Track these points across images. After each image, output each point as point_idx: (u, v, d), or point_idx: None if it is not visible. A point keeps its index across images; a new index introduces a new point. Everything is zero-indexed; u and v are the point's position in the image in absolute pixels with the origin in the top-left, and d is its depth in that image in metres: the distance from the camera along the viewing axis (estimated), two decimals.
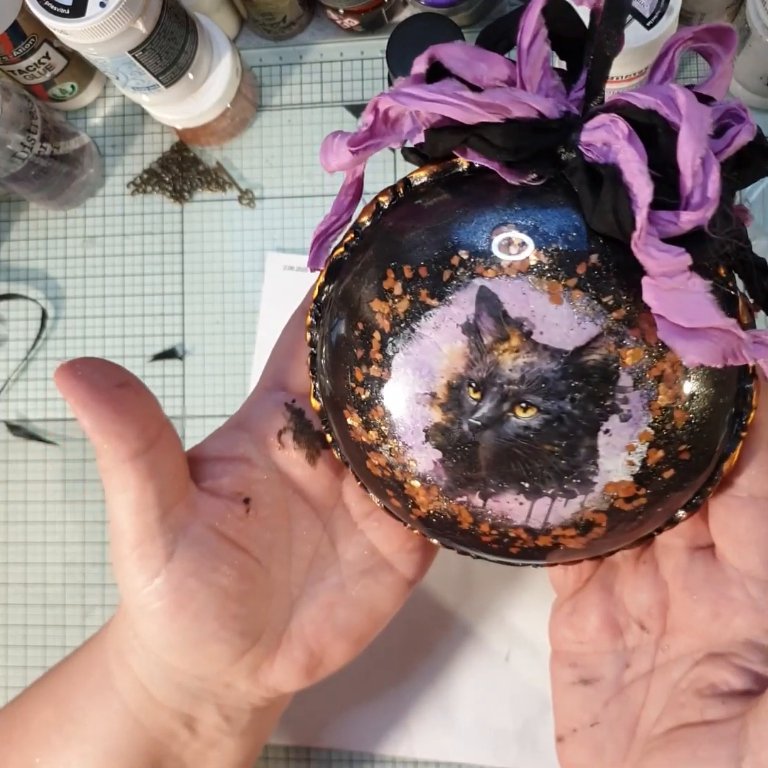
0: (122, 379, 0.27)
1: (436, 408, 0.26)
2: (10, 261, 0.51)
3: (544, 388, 0.24)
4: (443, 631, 0.44)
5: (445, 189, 0.26)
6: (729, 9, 0.44)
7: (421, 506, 0.28)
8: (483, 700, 0.44)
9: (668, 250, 0.22)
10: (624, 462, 0.25)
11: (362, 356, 0.26)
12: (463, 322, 0.25)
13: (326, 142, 0.26)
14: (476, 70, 0.24)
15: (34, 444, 0.50)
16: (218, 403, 0.49)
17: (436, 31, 0.41)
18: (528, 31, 0.23)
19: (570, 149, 0.24)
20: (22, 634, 0.49)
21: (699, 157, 0.21)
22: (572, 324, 0.24)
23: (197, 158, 0.50)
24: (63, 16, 0.38)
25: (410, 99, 0.24)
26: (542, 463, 0.25)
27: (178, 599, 0.28)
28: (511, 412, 0.25)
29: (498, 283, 0.24)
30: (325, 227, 0.28)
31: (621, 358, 0.24)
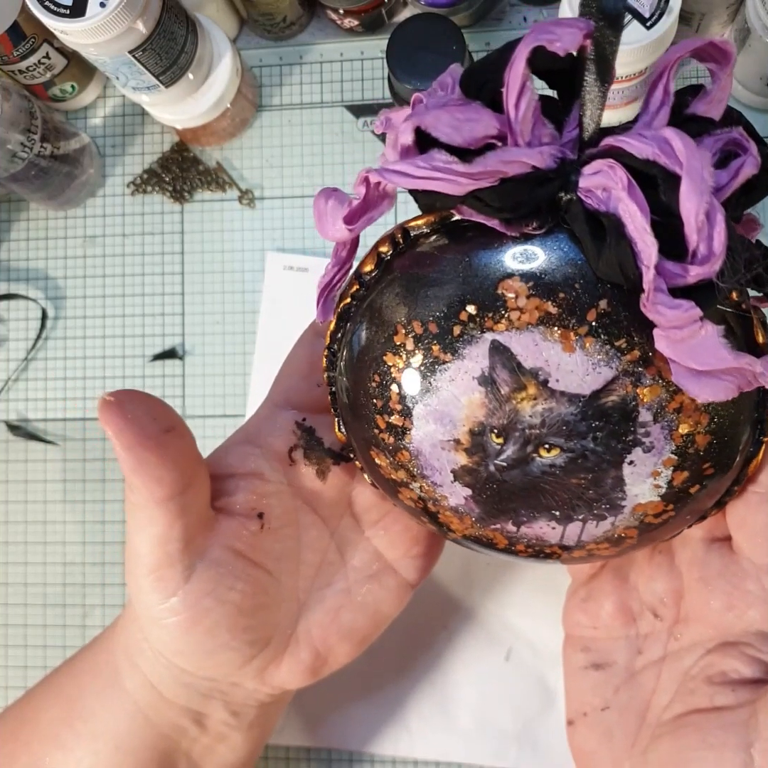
0: (169, 424, 0.27)
1: (461, 452, 0.26)
2: (10, 261, 0.51)
3: (565, 430, 0.25)
4: (443, 631, 0.44)
5: (445, 239, 0.26)
6: (729, 9, 0.44)
7: (457, 531, 0.28)
8: (483, 700, 0.44)
9: (678, 306, 0.22)
10: (650, 486, 0.25)
11: (382, 406, 0.26)
12: (479, 375, 0.25)
13: (320, 208, 0.25)
14: (465, 133, 0.23)
15: (34, 444, 0.50)
16: (218, 403, 0.49)
17: (436, 31, 0.41)
18: (514, 87, 0.22)
19: (569, 195, 0.23)
20: (22, 634, 0.49)
21: (703, 212, 0.21)
22: (587, 370, 0.24)
23: (197, 158, 0.50)
24: (63, 16, 0.38)
25: (399, 176, 0.23)
26: (570, 495, 0.26)
27: (192, 616, 0.28)
28: (535, 453, 0.25)
29: (509, 336, 0.24)
30: (329, 279, 0.27)
31: (639, 396, 0.24)
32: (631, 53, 0.39)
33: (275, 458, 0.30)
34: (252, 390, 0.48)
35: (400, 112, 0.24)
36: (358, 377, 0.27)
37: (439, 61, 0.41)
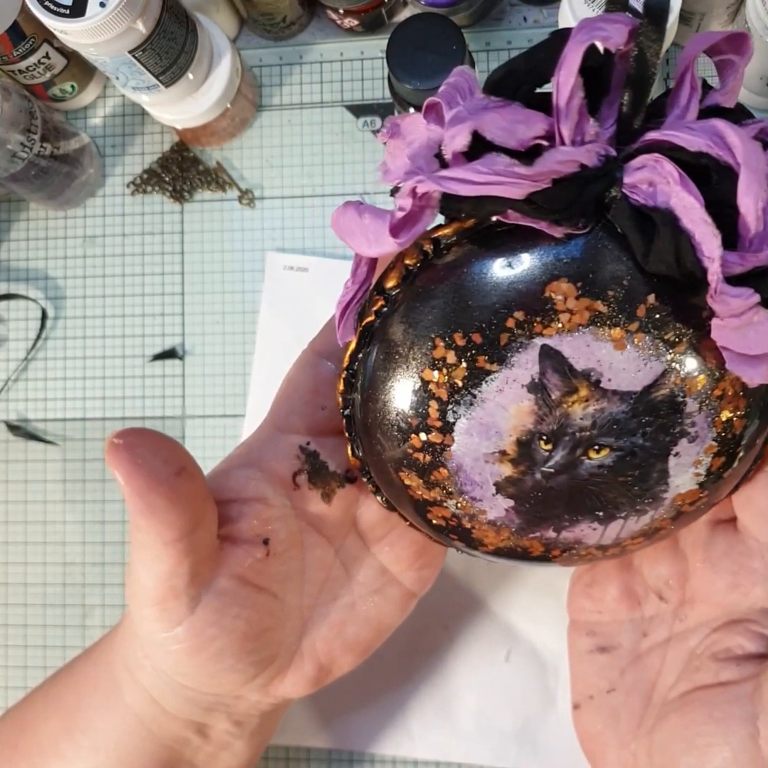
0: (180, 465, 0.26)
1: (506, 463, 0.25)
2: (10, 261, 0.51)
3: (616, 429, 0.24)
4: (443, 631, 0.44)
5: (480, 245, 0.25)
6: (729, 9, 0.44)
7: (490, 545, 0.28)
8: (483, 701, 0.44)
9: (740, 295, 0.22)
10: (692, 475, 0.26)
11: (418, 425, 0.26)
12: (528, 382, 0.24)
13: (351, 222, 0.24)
14: (518, 135, 0.22)
15: (34, 444, 0.50)
16: (218, 403, 0.49)
17: (436, 31, 0.41)
18: (566, 86, 0.22)
19: (613, 192, 0.23)
20: (22, 634, 0.49)
21: (761, 200, 0.21)
22: (639, 366, 0.24)
23: (197, 158, 0.50)
24: (63, 16, 0.38)
25: (459, 184, 0.22)
26: (616, 493, 0.26)
27: (197, 645, 0.28)
28: (584, 456, 0.25)
29: (559, 340, 0.24)
30: (349, 298, 0.27)
31: (687, 387, 0.24)
32: None
33: (278, 483, 0.30)
34: (252, 390, 0.48)
35: (408, 119, 0.24)
36: (388, 397, 0.26)
37: (439, 61, 0.41)
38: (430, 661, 0.44)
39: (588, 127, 0.23)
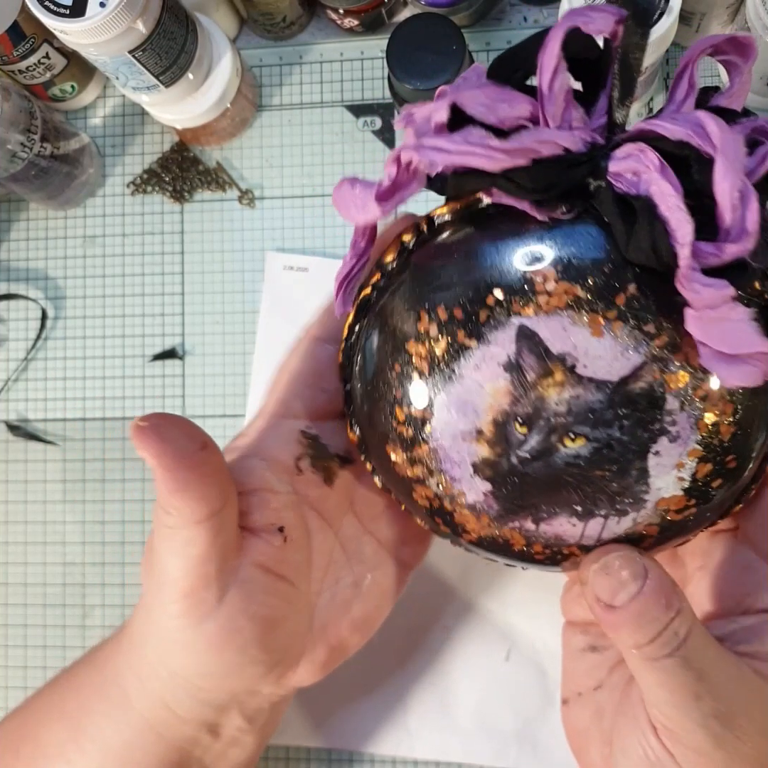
0: (203, 441, 0.26)
1: (483, 443, 0.26)
2: (10, 261, 0.51)
3: (591, 418, 0.24)
4: (443, 631, 0.44)
5: (471, 226, 0.26)
6: (729, 9, 0.44)
7: (472, 532, 0.28)
8: (483, 700, 0.44)
9: (712, 285, 0.22)
10: (674, 479, 0.25)
11: (402, 396, 0.26)
12: (505, 361, 0.25)
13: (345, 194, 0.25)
14: (499, 113, 0.23)
15: (34, 444, 0.50)
16: (218, 403, 0.49)
17: (436, 31, 0.41)
18: (548, 68, 0.23)
19: (598, 180, 0.23)
20: (22, 634, 0.49)
21: (737, 190, 0.21)
22: (616, 355, 0.24)
23: (197, 158, 0.50)
24: (63, 16, 0.38)
25: (435, 152, 0.23)
26: (594, 488, 0.25)
27: (225, 637, 0.28)
28: (559, 443, 0.25)
29: (537, 321, 0.24)
30: (347, 270, 0.27)
31: (667, 383, 0.24)
32: None
33: (281, 469, 0.30)
34: (252, 390, 0.48)
35: (423, 107, 0.24)
36: (378, 368, 0.27)
37: (439, 61, 0.41)
38: (430, 661, 0.44)
39: (574, 113, 0.23)
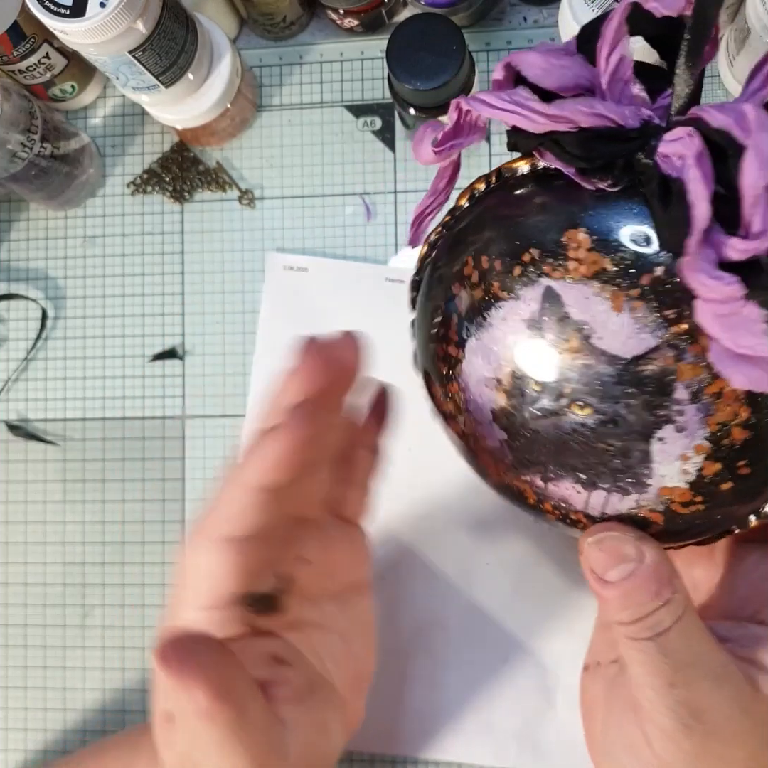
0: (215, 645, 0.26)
1: (501, 393, 0.26)
2: (11, 261, 0.51)
3: (600, 390, 0.25)
4: (443, 631, 0.44)
5: (530, 184, 0.26)
6: (728, 9, 0.44)
7: (492, 476, 0.29)
8: (483, 700, 0.44)
9: (719, 278, 0.21)
10: (678, 470, 0.25)
11: (443, 335, 0.27)
12: (528, 318, 0.25)
13: (419, 134, 0.26)
14: (554, 77, 0.24)
15: (34, 444, 0.50)
16: (218, 403, 0.49)
17: (436, 31, 0.41)
18: (607, 40, 0.23)
19: (648, 158, 0.23)
20: (22, 634, 0.49)
21: (762, 185, 0.21)
22: (631, 333, 0.24)
23: (197, 158, 0.50)
24: (63, 16, 0.38)
25: (482, 105, 0.24)
26: (597, 459, 0.26)
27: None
28: (568, 408, 0.25)
29: (563, 285, 0.24)
30: (423, 208, 0.29)
31: (679, 372, 0.24)
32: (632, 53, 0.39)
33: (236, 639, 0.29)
34: (252, 390, 0.48)
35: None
36: (427, 306, 0.28)
37: (439, 61, 0.41)
38: (430, 661, 0.44)
39: (635, 90, 0.24)
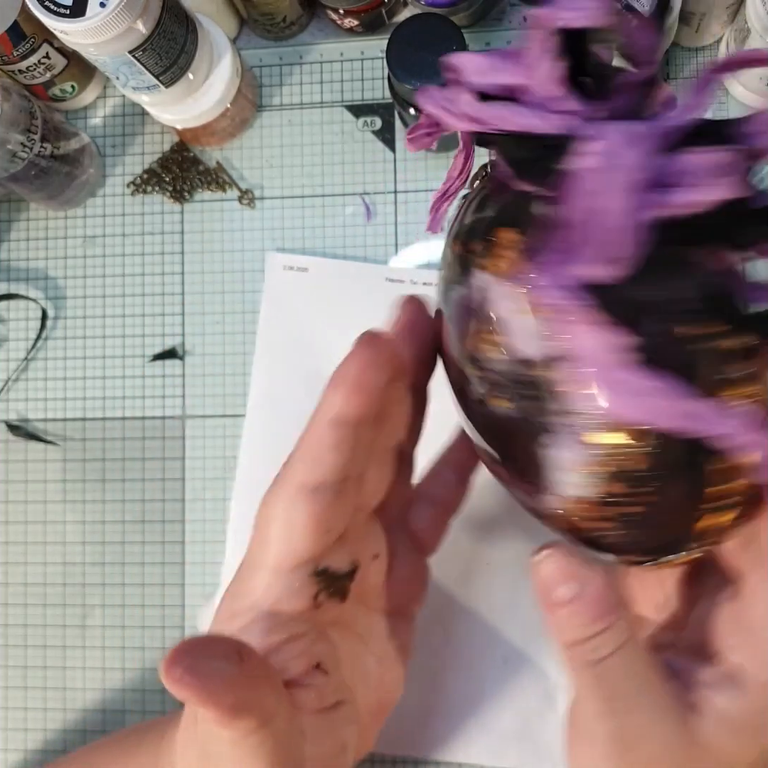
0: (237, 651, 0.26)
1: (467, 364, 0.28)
2: (10, 261, 0.51)
3: (503, 386, 0.26)
4: (443, 631, 0.44)
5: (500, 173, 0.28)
6: (729, 9, 0.44)
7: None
8: (482, 700, 0.44)
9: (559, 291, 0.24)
10: (571, 482, 0.25)
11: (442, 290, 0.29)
12: (463, 305, 0.27)
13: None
14: (488, 78, 0.25)
15: (34, 444, 0.50)
16: (218, 403, 0.49)
17: (436, 31, 0.41)
18: (535, 46, 0.23)
19: (562, 164, 0.24)
20: (22, 634, 0.49)
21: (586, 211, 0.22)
22: (533, 335, 0.24)
23: (197, 158, 0.50)
24: (63, 16, 0.38)
25: (427, 101, 0.26)
26: (513, 452, 0.27)
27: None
28: (489, 397, 0.26)
29: (488, 279, 0.26)
30: (441, 194, 0.30)
31: (566, 382, 0.24)
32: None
33: (300, 615, 0.29)
34: (252, 390, 0.48)
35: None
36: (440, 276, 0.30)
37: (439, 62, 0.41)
38: (430, 662, 0.44)
39: (565, 98, 0.24)
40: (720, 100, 0.47)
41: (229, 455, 0.48)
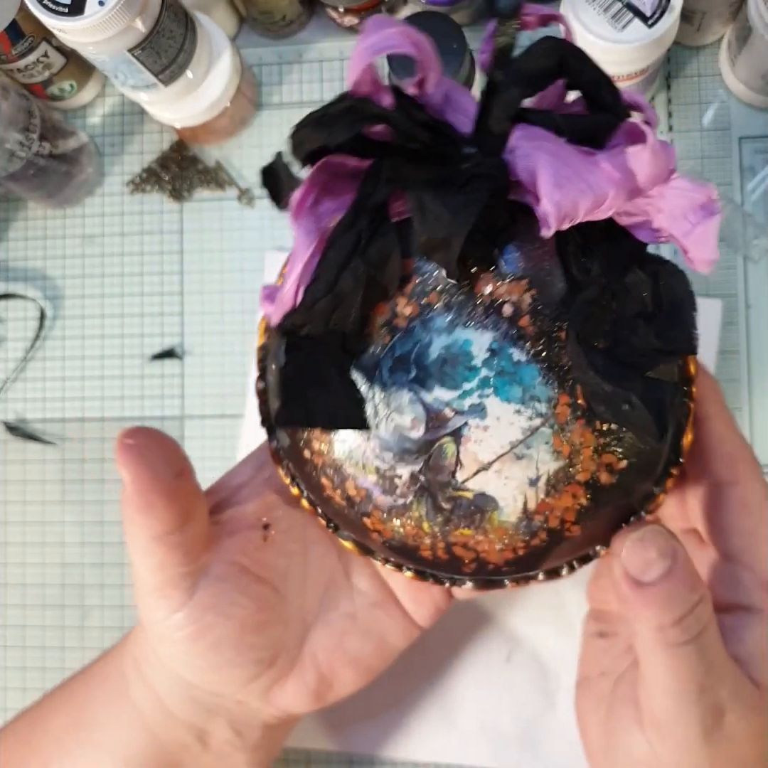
0: (180, 467, 0.28)
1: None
2: (9, 260, 0.51)
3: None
4: (443, 632, 0.44)
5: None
6: (730, 7, 0.43)
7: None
8: (483, 702, 0.43)
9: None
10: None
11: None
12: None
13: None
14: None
15: (32, 444, 0.50)
16: (217, 402, 0.49)
17: (436, 29, 0.41)
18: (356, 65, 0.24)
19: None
20: (20, 635, 0.49)
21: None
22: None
23: (196, 157, 0.50)
24: (62, 14, 0.38)
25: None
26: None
27: (196, 631, 0.28)
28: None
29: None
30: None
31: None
32: (632, 51, 0.39)
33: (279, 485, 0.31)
34: (252, 390, 0.48)
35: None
36: None
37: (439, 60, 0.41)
38: (431, 663, 0.44)
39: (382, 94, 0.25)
40: (721, 99, 0.46)
41: (228, 455, 0.48)
